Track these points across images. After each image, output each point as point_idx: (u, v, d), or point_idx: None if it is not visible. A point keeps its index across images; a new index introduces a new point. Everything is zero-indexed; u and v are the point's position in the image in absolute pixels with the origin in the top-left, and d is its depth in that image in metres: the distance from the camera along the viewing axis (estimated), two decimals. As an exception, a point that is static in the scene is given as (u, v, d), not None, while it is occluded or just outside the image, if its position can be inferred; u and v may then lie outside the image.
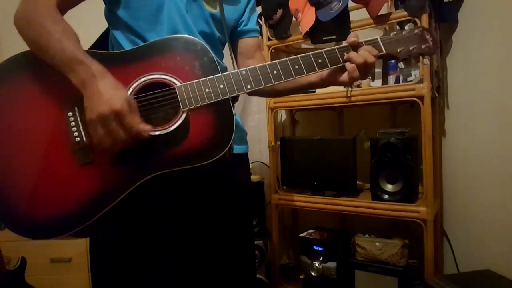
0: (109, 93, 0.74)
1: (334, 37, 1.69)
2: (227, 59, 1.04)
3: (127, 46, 0.92)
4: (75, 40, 0.80)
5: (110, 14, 0.95)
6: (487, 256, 1.64)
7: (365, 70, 0.86)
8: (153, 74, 0.83)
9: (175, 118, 0.81)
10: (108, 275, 1.93)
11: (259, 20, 1.83)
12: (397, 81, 1.74)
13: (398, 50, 0.90)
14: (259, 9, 1.77)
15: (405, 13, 1.57)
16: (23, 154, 0.79)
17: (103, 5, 0.96)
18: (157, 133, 0.79)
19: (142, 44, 0.89)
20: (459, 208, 1.81)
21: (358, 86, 1.80)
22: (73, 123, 0.80)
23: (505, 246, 1.57)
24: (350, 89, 1.73)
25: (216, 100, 0.82)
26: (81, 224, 0.76)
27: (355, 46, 0.88)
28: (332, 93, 1.77)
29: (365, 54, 0.85)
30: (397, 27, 1.75)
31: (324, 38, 1.71)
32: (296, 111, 2.24)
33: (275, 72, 0.85)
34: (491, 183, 1.64)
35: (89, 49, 0.87)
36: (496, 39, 1.59)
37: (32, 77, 0.83)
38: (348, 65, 0.86)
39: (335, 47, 0.89)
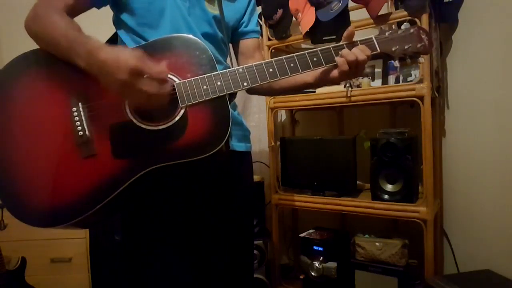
0: (115, 57, 0.73)
1: (334, 37, 1.68)
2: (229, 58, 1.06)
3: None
4: (79, 29, 0.83)
5: (118, 20, 0.99)
6: (487, 256, 1.64)
7: (356, 68, 0.88)
8: None
9: (173, 114, 0.83)
10: (108, 275, 1.93)
11: (259, 20, 1.83)
12: (397, 81, 1.74)
13: (393, 49, 0.91)
14: (259, 9, 1.77)
15: (405, 13, 1.57)
16: (30, 146, 0.84)
17: (111, 12, 1.01)
18: (156, 127, 0.82)
19: (144, 43, 0.91)
20: (459, 208, 1.81)
21: (358, 86, 1.79)
22: (77, 118, 0.83)
23: (505, 246, 1.57)
24: (350, 89, 1.73)
25: (213, 96, 0.84)
26: (83, 213, 0.80)
27: (350, 36, 0.89)
28: (332, 93, 1.77)
29: (357, 52, 0.87)
30: (397, 26, 1.74)
31: (324, 38, 1.71)
32: (296, 111, 2.24)
33: (270, 70, 0.87)
34: (491, 183, 1.64)
35: None
36: (496, 39, 1.59)
37: (40, 74, 0.87)
38: (338, 58, 0.88)
39: (330, 45, 0.90)
